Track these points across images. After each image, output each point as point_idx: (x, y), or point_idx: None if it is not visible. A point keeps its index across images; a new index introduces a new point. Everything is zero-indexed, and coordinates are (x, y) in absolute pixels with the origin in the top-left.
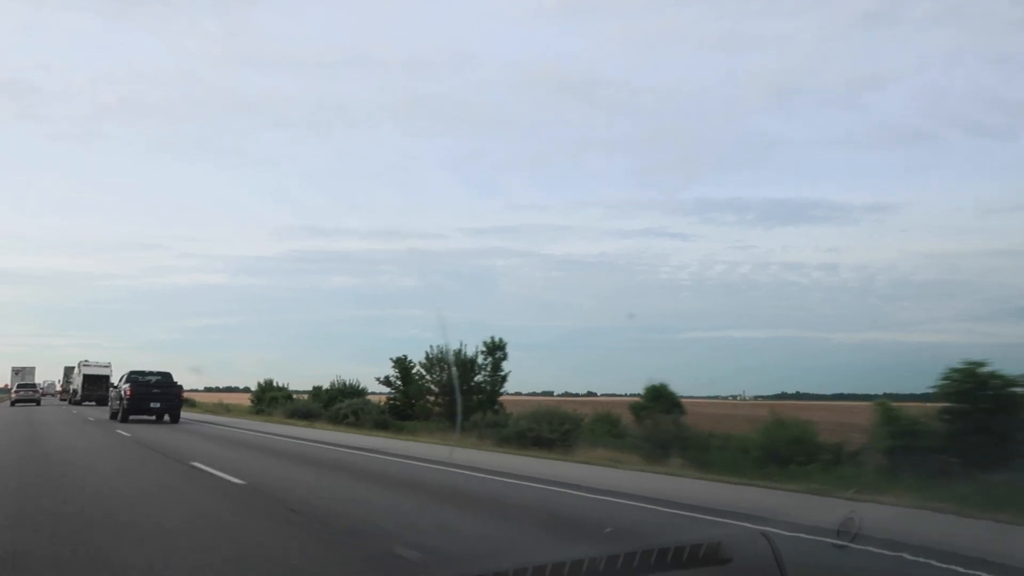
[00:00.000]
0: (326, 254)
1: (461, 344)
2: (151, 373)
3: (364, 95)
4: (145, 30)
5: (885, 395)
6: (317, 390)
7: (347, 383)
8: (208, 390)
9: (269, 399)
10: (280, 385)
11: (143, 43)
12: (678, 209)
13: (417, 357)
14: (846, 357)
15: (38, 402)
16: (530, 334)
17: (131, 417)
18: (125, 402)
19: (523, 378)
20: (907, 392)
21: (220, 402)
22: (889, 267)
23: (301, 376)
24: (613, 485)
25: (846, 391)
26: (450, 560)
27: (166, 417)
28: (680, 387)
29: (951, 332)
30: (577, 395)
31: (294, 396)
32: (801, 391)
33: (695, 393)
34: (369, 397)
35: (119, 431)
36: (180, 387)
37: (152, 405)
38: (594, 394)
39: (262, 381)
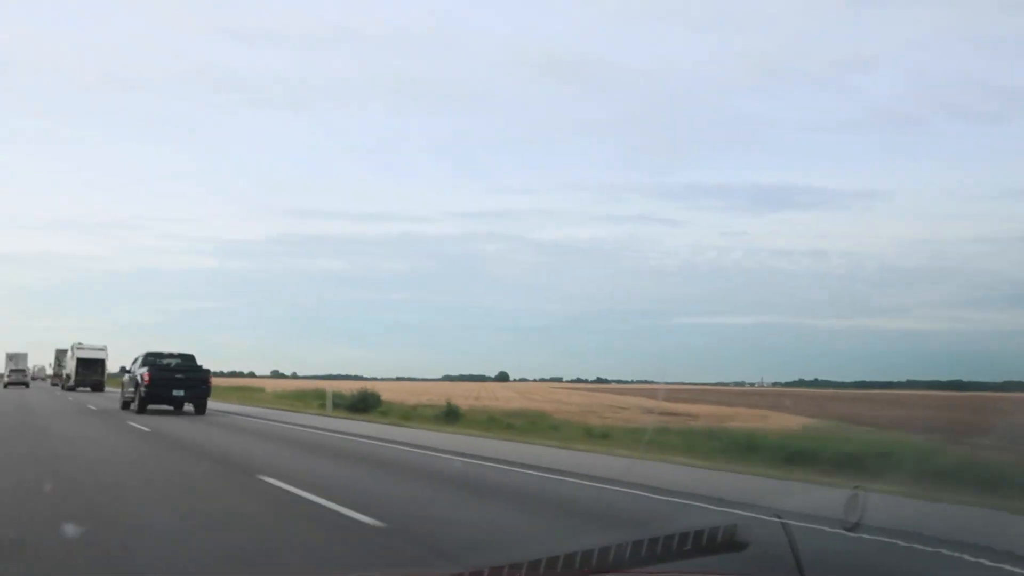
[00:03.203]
0: (313, 237)
1: None
2: (171, 355)
3: (349, 73)
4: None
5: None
6: None
7: None
8: None
9: None
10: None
11: (123, 15)
12: (667, 194)
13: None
14: (843, 344)
15: (27, 384)
16: (523, 318)
17: (149, 407)
18: (143, 389)
19: (526, 362)
20: (929, 379)
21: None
22: (877, 253)
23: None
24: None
25: (866, 379)
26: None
27: (189, 407)
28: (683, 374)
29: (936, 319)
30: (587, 381)
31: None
32: (819, 378)
33: (697, 380)
34: None
35: None
36: (207, 372)
37: (175, 393)
38: (605, 380)
39: None
